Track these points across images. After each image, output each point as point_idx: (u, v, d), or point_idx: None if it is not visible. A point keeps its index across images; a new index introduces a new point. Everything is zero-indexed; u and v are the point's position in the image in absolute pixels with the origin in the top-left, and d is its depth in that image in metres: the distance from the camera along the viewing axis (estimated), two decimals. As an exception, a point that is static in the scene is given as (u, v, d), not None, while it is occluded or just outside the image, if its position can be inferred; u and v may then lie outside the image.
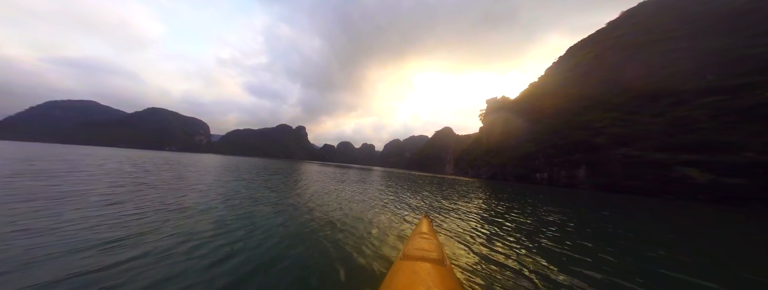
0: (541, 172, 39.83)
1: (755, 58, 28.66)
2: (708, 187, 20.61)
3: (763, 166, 18.81)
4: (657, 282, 2.72)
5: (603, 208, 9.00)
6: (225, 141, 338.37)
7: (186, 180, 8.09)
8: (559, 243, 3.95)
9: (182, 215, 3.93)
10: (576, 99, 44.37)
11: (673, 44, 37.81)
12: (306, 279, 2.19)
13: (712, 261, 3.61)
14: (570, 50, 61.35)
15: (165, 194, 5.51)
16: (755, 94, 23.95)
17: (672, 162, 24.41)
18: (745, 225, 7.83)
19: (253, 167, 18.04)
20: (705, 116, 26.11)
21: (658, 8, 47.26)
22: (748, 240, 5.18)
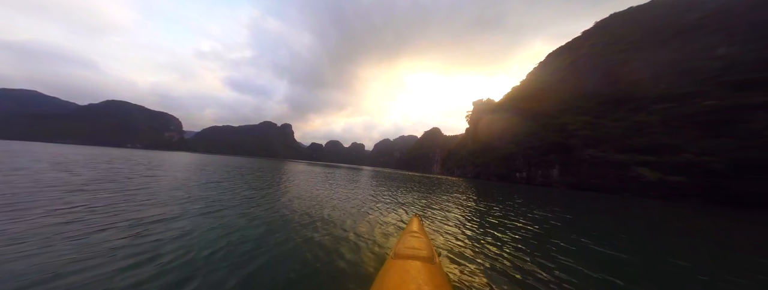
0: (520, 172, 42.36)
1: (699, 70, 32.49)
2: (657, 185, 23.31)
3: (698, 166, 21.62)
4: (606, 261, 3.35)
5: (571, 206, 9.65)
6: (200, 138, 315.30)
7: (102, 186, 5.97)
8: (535, 238, 4.22)
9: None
10: (553, 103, 47.53)
11: (634, 55, 41.62)
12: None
13: (640, 250, 4.32)
14: (549, 56, 65.23)
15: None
16: (696, 102, 27.25)
17: (629, 163, 27.18)
18: (673, 217, 9.10)
19: (225, 167, 16.34)
20: (657, 121, 29.27)
21: (625, 20, 51.63)
22: (664, 230, 6.36)
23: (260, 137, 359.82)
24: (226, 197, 5.96)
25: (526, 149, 43.20)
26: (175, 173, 10.04)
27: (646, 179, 24.37)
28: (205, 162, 21.53)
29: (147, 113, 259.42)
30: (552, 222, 5.69)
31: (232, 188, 7.47)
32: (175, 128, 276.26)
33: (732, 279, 3.15)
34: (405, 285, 1.46)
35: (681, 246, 4.54)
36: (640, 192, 24.24)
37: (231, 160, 33.96)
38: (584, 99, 42.35)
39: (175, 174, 9.79)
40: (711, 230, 6.89)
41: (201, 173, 11.32)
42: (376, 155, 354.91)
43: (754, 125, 21.42)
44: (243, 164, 24.57)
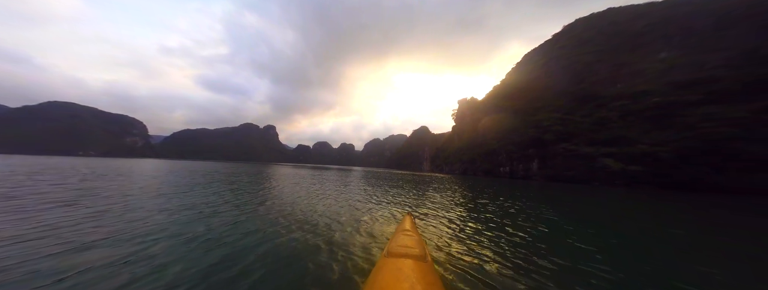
0: (503, 166, 45.07)
1: (646, 71, 37.33)
2: (620, 174, 26.37)
3: (650, 156, 24.87)
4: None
5: (551, 199, 10.07)
6: (170, 143, 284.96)
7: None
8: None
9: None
10: (529, 101, 51.19)
11: (596, 57, 46.40)
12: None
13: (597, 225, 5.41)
14: (525, 57, 69.96)
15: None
16: (646, 100, 31.22)
17: (596, 154, 30.35)
18: (630, 203, 10.60)
19: (195, 174, 14.44)
20: (616, 116, 33.02)
21: (587, 25, 57.16)
22: (617, 212, 7.67)
23: (241, 141, 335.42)
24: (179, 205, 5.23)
25: (507, 144, 46.05)
26: (111, 183, 8.26)
27: (611, 169, 27.44)
28: (169, 169, 19.08)
29: (101, 115, 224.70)
30: (533, 214, 6.04)
31: (198, 195, 6.84)
32: (138, 133, 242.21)
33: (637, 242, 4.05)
34: (398, 283, 1.47)
35: (630, 228, 5.36)
36: (607, 181, 27.25)
37: (204, 165, 30.97)
38: (556, 97, 46.24)
39: (111, 184, 8.03)
40: (642, 211, 8.24)
41: (151, 181, 9.90)
42: (367, 155, 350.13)
43: (690, 119, 25.17)
44: (217, 169, 22.76)
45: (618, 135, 30.17)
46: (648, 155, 25.07)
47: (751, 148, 19.59)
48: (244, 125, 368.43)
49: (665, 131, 26.16)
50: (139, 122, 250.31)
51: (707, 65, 30.03)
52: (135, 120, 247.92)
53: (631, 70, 39.85)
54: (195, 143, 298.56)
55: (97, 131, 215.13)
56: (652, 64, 37.74)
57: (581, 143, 33.81)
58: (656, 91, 31.83)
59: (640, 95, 33.00)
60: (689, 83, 29.77)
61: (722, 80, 26.49)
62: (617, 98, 35.45)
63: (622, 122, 31.59)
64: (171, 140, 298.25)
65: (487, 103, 62.11)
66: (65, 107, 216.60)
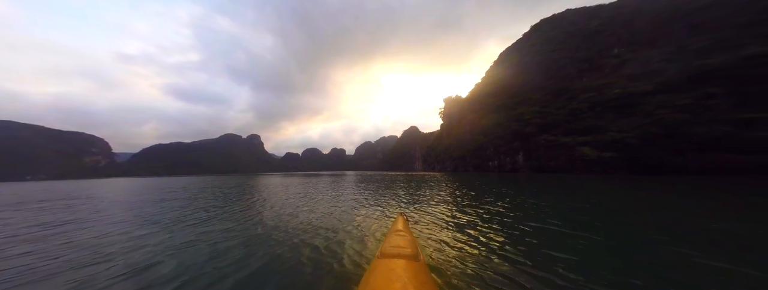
0: (492, 161, 46.94)
1: (605, 65, 41.94)
2: (597, 162, 28.78)
3: (620, 142, 27.55)
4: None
5: (540, 190, 10.50)
6: (140, 160, 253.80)
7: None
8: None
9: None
10: (509, 96, 54.30)
11: (562, 54, 50.93)
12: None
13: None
14: (501, 55, 74.36)
15: None
16: (608, 91, 34.79)
17: (573, 144, 32.89)
18: (603, 187, 11.82)
19: (160, 192, 12.64)
20: (585, 107, 36.27)
21: (551, 25, 62.69)
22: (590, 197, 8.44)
23: (223, 152, 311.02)
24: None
25: (494, 139, 48.11)
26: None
27: (588, 158, 29.85)
28: (128, 188, 16.63)
29: (49, 134, 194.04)
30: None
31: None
32: (99, 151, 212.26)
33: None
34: (390, 283, 1.48)
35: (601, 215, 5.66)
36: (586, 169, 29.57)
37: (177, 182, 27.15)
38: (533, 91, 49.64)
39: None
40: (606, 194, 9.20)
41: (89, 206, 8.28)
42: (358, 158, 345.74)
43: (647, 106, 28.47)
44: (188, 184, 20.24)
45: (590, 125, 33.09)
46: (618, 142, 27.74)
47: (698, 130, 22.62)
48: (226, 135, 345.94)
49: (629, 119, 29.27)
50: (98, 139, 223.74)
51: (652, 60, 34.47)
52: (93, 137, 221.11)
53: (591, 66, 44.38)
54: (170, 158, 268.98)
55: (45, 152, 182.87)
56: (608, 60, 42.44)
57: (559, 134, 36.51)
58: (615, 83, 35.71)
59: (603, 87, 36.72)
60: (640, 75, 33.91)
61: (665, 72, 30.53)
62: (585, 91, 39.05)
63: (592, 113, 34.78)
64: (141, 157, 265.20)
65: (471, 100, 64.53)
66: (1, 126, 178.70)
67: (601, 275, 2.39)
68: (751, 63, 23.19)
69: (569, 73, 46.34)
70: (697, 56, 29.12)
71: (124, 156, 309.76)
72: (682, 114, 24.69)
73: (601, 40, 46.65)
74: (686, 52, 30.99)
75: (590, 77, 42.07)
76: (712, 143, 21.42)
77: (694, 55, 29.80)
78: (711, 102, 23.62)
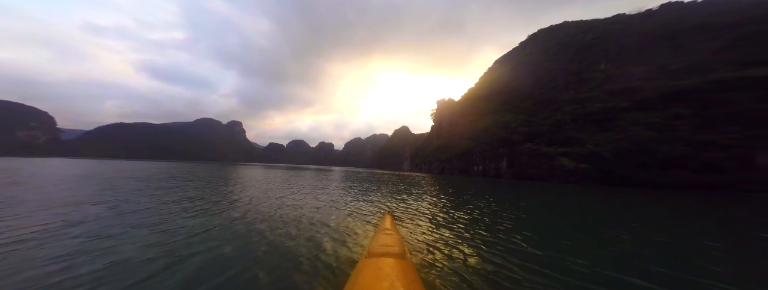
0: (477, 165, 48.01)
1: (591, 79, 43.39)
2: (574, 172, 30.06)
3: (596, 155, 28.85)
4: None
5: (518, 197, 11.17)
6: (94, 139, 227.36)
7: None
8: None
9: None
10: (499, 103, 55.34)
11: (555, 64, 52.15)
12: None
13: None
14: (496, 62, 75.23)
15: None
16: (591, 105, 36.14)
17: (554, 154, 34.14)
18: (570, 196, 12.46)
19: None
20: (569, 119, 37.58)
21: (548, 35, 63.87)
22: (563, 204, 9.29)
23: (197, 138, 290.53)
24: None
25: (480, 144, 49.12)
26: None
27: (567, 168, 31.12)
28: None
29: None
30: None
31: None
32: (39, 126, 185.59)
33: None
34: (377, 282, 1.49)
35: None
36: (563, 179, 30.85)
37: (126, 167, 23.42)
38: (522, 100, 50.78)
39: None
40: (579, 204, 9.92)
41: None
42: (347, 154, 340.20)
43: (623, 122, 29.87)
44: (144, 170, 17.80)
45: (571, 136, 34.39)
46: (594, 155, 29.05)
47: (663, 149, 24.04)
48: (202, 119, 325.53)
49: (605, 133, 30.63)
50: (41, 111, 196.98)
51: (634, 77, 35.97)
52: (33, 109, 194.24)
53: (578, 79, 45.81)
54: (130, 139, 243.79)
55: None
56: (594, 74, 43.93)
57: (542, 143, 37.75)
58: (598, 97, 37.12)
59: (586, 100, 38.09)
60: (620, 91, 35.38)
61: (643, 90, 32.00)
62: (570, 103, 40.38)
63: (574, 125, 36.11)
64: (95, 136, 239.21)
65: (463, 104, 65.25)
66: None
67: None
68: (716, 87, 24.72)
69: (558, 84, 47.64)
70: (673, 77, 30.68)
71: (74, 134, 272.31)
72: (652, 132, 26.11)
73: (591, 54, 48.06)
74: (666, 73, 32.54)
75: (576, 89, 43.46)
76: (673, 161, 22.86)
77: (670, 75, 31.35)
78: (678, 122, 25.08)
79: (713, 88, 24.84)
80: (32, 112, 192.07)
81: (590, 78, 43.21)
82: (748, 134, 20.08)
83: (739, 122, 21.20)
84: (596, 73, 43.39)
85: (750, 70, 23.73)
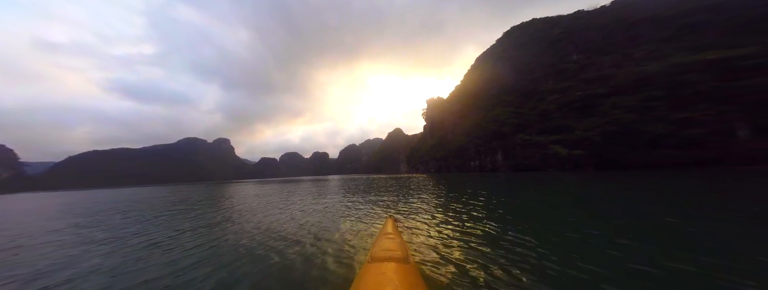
0: (473, 161, 48.37)
1: (567, 70, 46.45)
2: (568, 159, 31.05)
3: (587, 140, 30.08)
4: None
5: (517, 190, 10.97)
6: (63, 171, 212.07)
7: None
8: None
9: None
10: (486, 98, 57.01)
11: (530, 58, 55.23)
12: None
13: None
14: (477, 60, 78.17)
15: None
16: (571, 93, 38.25)
17: (546, 142, 35.23)
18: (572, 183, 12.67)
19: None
20: (554, 108, 39.37)
21: (521, 32, 67.95)
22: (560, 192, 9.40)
23: (182, 159, 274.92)
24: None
25: (474, 139, 49.77)
26: None
27: (560, 156, 32.10)
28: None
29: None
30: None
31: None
32: (2, 161, 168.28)
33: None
34: (381, 287, 1.48)
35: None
36: (559, 167, 31.72)
37: (95, 195, 22.99)
38: (506, 93, 52.69)
39: None
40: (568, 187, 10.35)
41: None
42: (342, 162, 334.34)
43: (604, 107, 31.71)
44: (113, 198, 16.40)
45: (559, 124, 35.84)
46: (585, 140, 30.28)
47: (647, 128, 25.63)
48: (185, 139, 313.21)
49: (591, 119, 32.27)
50: (1, 146, 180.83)
51: (604, 66, 38.90)
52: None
53: (555, 70, 48.78)
54: (107, 167, 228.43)
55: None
56: (568, 65, 47.07)
57: (533, 133, 38.98)
58: (576, 86, 39.51)
59: (566, 89, 40.33)
60: (594, 79, 37.99)
61: (616, 77, 34.55)
62: (552, 93, 42.50)
63: (560, 113, 37.82)
64: (65, 167, 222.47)
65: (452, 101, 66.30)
66: None
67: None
68: (678, 70, 27.23)
69: (538, 76, 50.23)
70: (639, 64, 33.55)
71: (41, 167, 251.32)
72: (632, 114, 27.89)
73: (562, 47, 51.60)
74: (630, 60, 35.52)
75: (555, 80, 46.09)
76: (659, 139, 24.37)
77: (635, 62, 34.25)
78: (654, 103, 27.05)
79: (676, 71, 27.34)
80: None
81: (566, 69, 46.09)
82: (720, 110, 22.01)
83: (708, 100, 23.30)
84: (570, 64, 46.44)
85: (702, 55, 26.59)
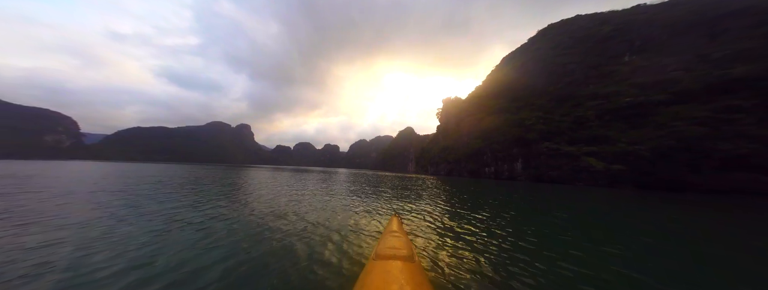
0: (488, 167, 44.37)
1: (615, 72, 39.72)
2: (603, 173, 26.35)
3: (631, 154, 25.13)
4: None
5: (538, 199, 9.96)
6: (113, 142, 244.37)
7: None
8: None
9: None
10: (510, 100, 51.87)
11: (569, 58, 48.62)
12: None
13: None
14: (504, 60, 71.97)
15: None
16: (618, 99, 32.46)
17: (578, 153, 30.44)
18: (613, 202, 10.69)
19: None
20: (593, 115, 33.90)
21: (559, 30, 60.45)
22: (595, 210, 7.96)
23: (207, 141, 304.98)
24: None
25: (492, 143, 45.57)
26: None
27: (594, 169, 27.39)
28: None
29: (7, 109, 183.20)
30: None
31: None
32: (64, 130, 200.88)
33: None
34: (386, 285, 1.48)
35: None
36: (591, 181, 27.10)
37: (146, 169, 25.07)
38: (535, 96, 47.22)
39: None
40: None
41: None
42: (352, 156, 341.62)
43: (661, 118, 26.13)
44: (158, 174, 17.82)
45: (598, 134, 30.67)
46: (629, 154, 25.31)
47: (722, 146, 20.25)
48: (212, 123, 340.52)
49: (641, 130, 26.89)
50: (65, 116, 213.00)
51: (667, 68, 32.20)
52: (59, 115, 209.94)
53: (599, 72, 42.11)
54: (146, 142, 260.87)
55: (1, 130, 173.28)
56: (618, 67, 40.21)
57: (562, 142, 34.07)
58: (625, 91, 33.42)
59: (612, 95, 34.39)
60: (652, 83, 31.64)
61: (682, 82, 28.25)
62: (592, 98, 36.69)
63: (600, 121, 32.39)
64: (114, 140, 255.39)
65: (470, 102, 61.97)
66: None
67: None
68: (781, 75, 20.95)
69: (576, 78, 44.00)
70: (718, 67, 26.91)
71: (96, 138, 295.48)
72: (702, 127, 22.35)
73: (611, 46, 44.41)
74: (705, 62, 28.77)
75: (598, 83, 39.78)
76: (735, 160, 19.05)
77: (713, 65, 27.57)
78: (735, 116, 21.30)
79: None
80: (57, 117, 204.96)
81: (613, 71, 39.52)
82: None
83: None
84: (620, 66, 39.71)
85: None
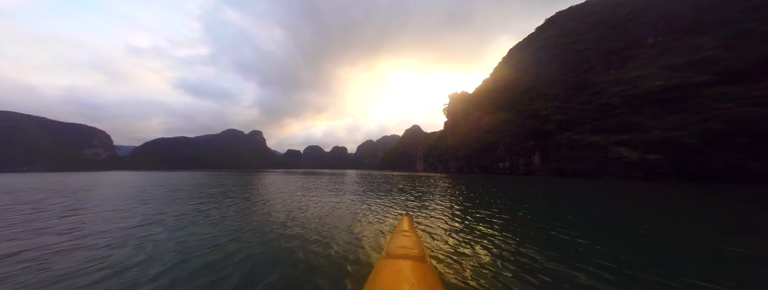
0: (503, 161, 41.79)
1: (639, 56, 36.66)
2: (639, 164, 23.62)
3: (671, 142, 22.36)
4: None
5: (562, 194, 9.00)
6: (141, 153, 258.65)
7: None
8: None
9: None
10: (521, 92, 49.11)
11: (584, 45, 45.60)
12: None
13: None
14: (511, 51, 69.01)
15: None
16: (650, 83, 29.54)
17: (605, 143, 27.72)
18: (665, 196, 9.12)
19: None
20: (618, 102, 31.04)
21: (570, 16, 57.30)
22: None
23: (223, 148, 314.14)
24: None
25: (505, 137, 42.99)
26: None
27: (627, 159, 24.68)
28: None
29: (51, 125, 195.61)
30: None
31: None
32: (100, 144, 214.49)
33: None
34: (398, 285, 1.47)
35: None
36: (623, 174, 24.40)
37: (171, 177, 26.42)
38: (549, 86, 44.39)
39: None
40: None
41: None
42: (359, 157, 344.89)
43: (703, 100, 23.25)
44: (182, 180, 18.65)
45: (627, 121, 27.88)
46: (668, 141, 22.54)
47: (787, 128, 17.41)
48: (227, 131, 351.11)
49: (679, 115, 24.04)
50: (100, 131, 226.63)
51: (703, 47, 29.12)
52: (95, 130, 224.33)
53: (620, 57, 39.05)
54: (170, 152, 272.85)
55: (43, 144, 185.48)
56: (641, 50, 37.11)
57: (585, 132, 31.35)
58: (654, 74, 30.45)
59: (638, 79, 31.47)
60: (685, 65, 28.63)
61: (725, 60, 25.24)
62: (615, 84, 33.79)
63: (627, 108, 29.55)
64: (142, 151, 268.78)
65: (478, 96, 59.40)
66: (3, 117, 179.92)
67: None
68: None
69: (594, 65, 41.01)
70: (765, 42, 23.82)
71: (127, 149, 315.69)
72: (756, 108, 19.49)
73: (631, 29, 41.20)
74: (750, 37, 25.66)
75: (620, 69, 36.78)
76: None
77: (762, 39, 24.48)
78: (800, 92, 18.39)
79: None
80: (93, 132, 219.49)
81: (636, 55, 36.46)
82: None
83: None
84: (643, 48, 36.61)
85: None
